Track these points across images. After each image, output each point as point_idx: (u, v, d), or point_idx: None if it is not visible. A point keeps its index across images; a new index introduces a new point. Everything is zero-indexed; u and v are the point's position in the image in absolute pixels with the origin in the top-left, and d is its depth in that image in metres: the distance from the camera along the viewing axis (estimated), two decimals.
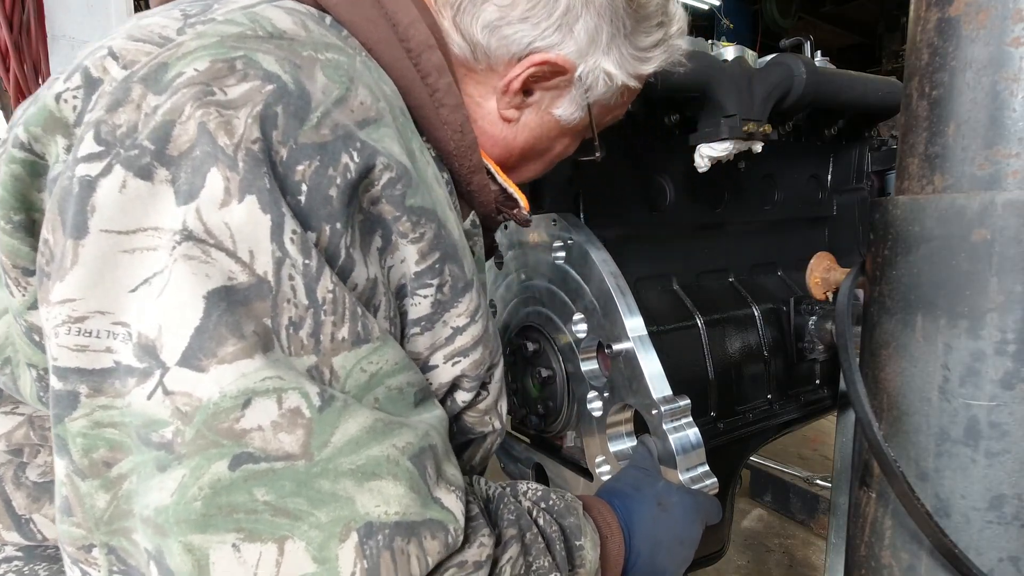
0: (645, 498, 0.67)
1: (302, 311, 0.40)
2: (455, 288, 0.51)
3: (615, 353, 0.75)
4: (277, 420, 0.38)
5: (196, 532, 0.37)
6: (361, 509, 0.40)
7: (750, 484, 2.15)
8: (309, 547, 0.38)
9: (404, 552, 0.41)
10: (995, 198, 0.44)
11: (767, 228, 1.11)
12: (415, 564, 0.41)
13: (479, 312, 0.54)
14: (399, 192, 0.46)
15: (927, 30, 0.49)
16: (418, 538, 0.42)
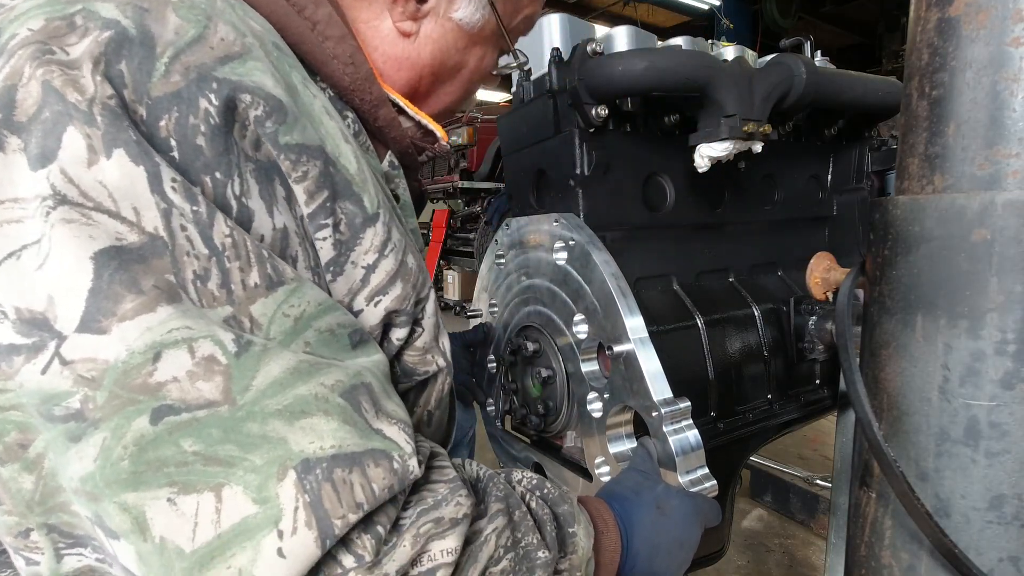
0: (644, 502, 0.67)
1: (205, 262, 0.39)
2: (353, 225, 0.49)
3: (615, 354, 0.75)
4: (192, 369, 0.37)
5: (128, 491, 0.36)
6: (295, 447, 0.39)
7: (750, 484, 2.15)
8: (247, 491, 0.37)
9: (346, 482, 0.40)
10: (995, 198, 0.44)
11: (767, 228, 1.11)
12: (359, 492, 0.40)
13: (388, 246, 0.52)
14: (271, 130, 0.44)
15: (927, 30, 0.49)
16: (360, 467, 0.41)
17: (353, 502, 0.40)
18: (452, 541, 0.45)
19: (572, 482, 0.90)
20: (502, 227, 1.03)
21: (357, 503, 0.40)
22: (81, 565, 0.43)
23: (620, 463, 0.78)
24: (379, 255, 0.51)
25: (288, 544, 0.37)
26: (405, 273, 0.53)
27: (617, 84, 0.79)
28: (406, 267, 0.53)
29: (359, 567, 0.40)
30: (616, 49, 0.85)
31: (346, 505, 0.39)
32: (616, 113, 0.87)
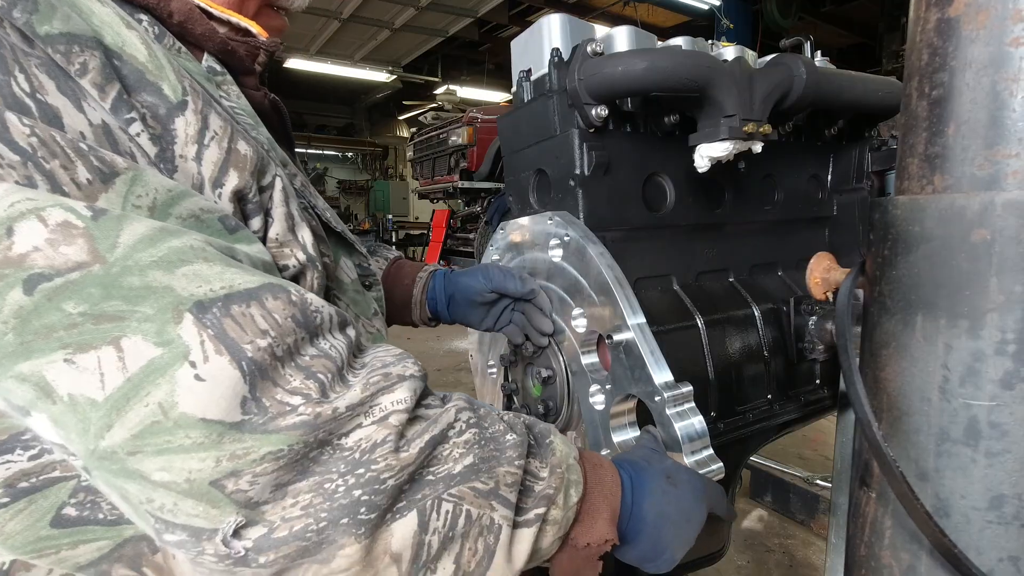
0: (655, 470, 0.65)
1: (23, 168, 0.39)
2: (159, 117, 0.48)
3: (615, 343, 0.75)
4: (50, 237, 0.37)
5: (21, 361, 0.36)
6: (184, 292, 0.39)
7: (750, 484, 2.14)
8: (147, 337, 0.37)
9: (245, 315, 0.40)
10: (995, 198, 0.44)
11: (767, 228, 1.11)
12: (261, 321, 0.41)
13: (207, 135, 0.50)
14: (23, 19, 0.42)
15: (927, 30, 0.49)
16: (258, 300, 0.41)
17: (257, 329, 0.40)
18: (401, 393, 0.45)
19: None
20: (497, 230, 1.03)
21: (262, 330, 0.40)
22: (10, 473, 0.42)
23: None
24: (199, 145, 0.50)
25: (203, 370, 0.37)
26: (238, 161, 0.52)
27: (617, 84, 0.79)
28: (238, 154, 0.52)
29: (308, 402, 0.41)
30: (616, 49, 0.85)
31: (251, 331, 0.40)
32: (616, 113, 0.87)
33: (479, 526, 0.48)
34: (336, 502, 0.41)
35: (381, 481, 0.43)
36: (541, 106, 0.89)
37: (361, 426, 0.43)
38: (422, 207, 12.86)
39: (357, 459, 0.42)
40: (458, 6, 8.42)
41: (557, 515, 0.53)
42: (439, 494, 0.46)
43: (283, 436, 0.39)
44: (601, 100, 0.82)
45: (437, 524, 0.46)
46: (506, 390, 1.03)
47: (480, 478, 0.48)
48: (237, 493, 0.38)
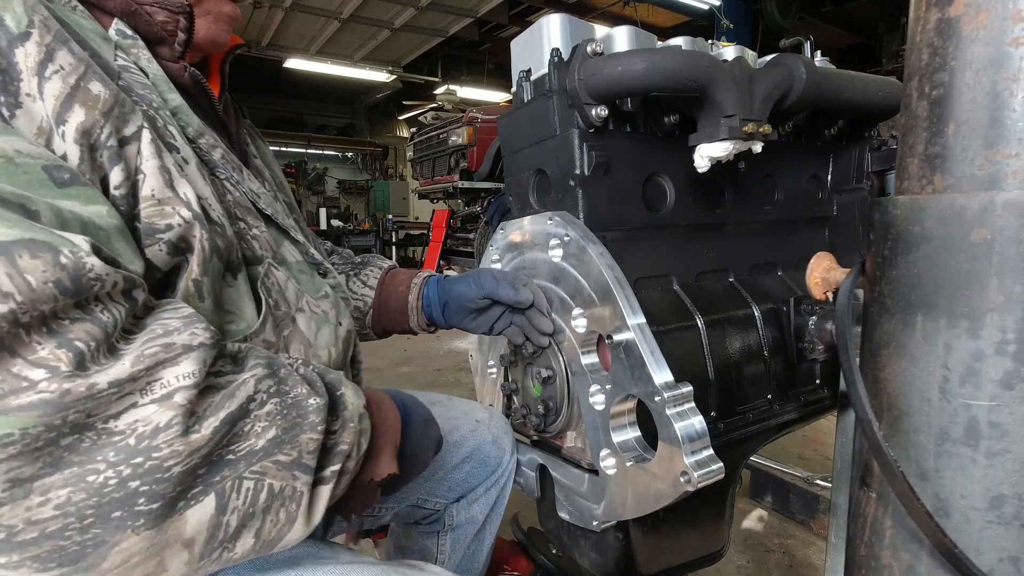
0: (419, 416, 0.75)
1: None
2: (1, 48, 0.45)
3: (615, 343, 0.75)
4: None
5: None
6: None
7: (750, 484, 2.14)
8: None
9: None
10: (995, 198, 0.44)
11: (767, 228, 1.11)
12: (5, 282, 0.35)
13: (49, 68, 0.47)
14: None
15: (927, 30, 0.49)
16: (8, 257, 0.36)
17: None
18: (188, 366, 0.41)
19: (577, 479, 0.90)
20: (497, 230, 1.03)
21: (4, 292, 0.35)
22: None
23: (625, 453, 0.78)
24: (39, 77, 0.46)
25: None
26: (87, 99, 0.49)
27: (617, 84, 0.79)
28: (87, 92, 0.49)
29: (53, 376, 0.35)
30: (616, 49, 0.85)
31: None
32: (616, 113, 0.87)
33: (282, 498, 0.46)
34: (106, 496, 0.36)
35: (165, 469, 0.38)
36: (541, 106, 0.89)
37: (136, 405, 0.38)
38: (422, 207, 12.86)
39: (133, 445, 0.37)
40: (458, 6, 8.42)
41: (351, 466, 0.54)
42: (240, 473, 0.43)
43: (13, 419, 0.34)
44: (601, 100, 0.82)
45: (237, 503, 0.43)
46: (506, 390, 1.03)
47: (283, 450, 0.45)
48: None
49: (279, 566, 0.61)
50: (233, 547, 0.44)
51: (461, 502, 1.02)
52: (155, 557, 0.39)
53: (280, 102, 15.38)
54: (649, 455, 0.75)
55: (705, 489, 0.68)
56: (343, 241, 10.06)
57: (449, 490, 1.01)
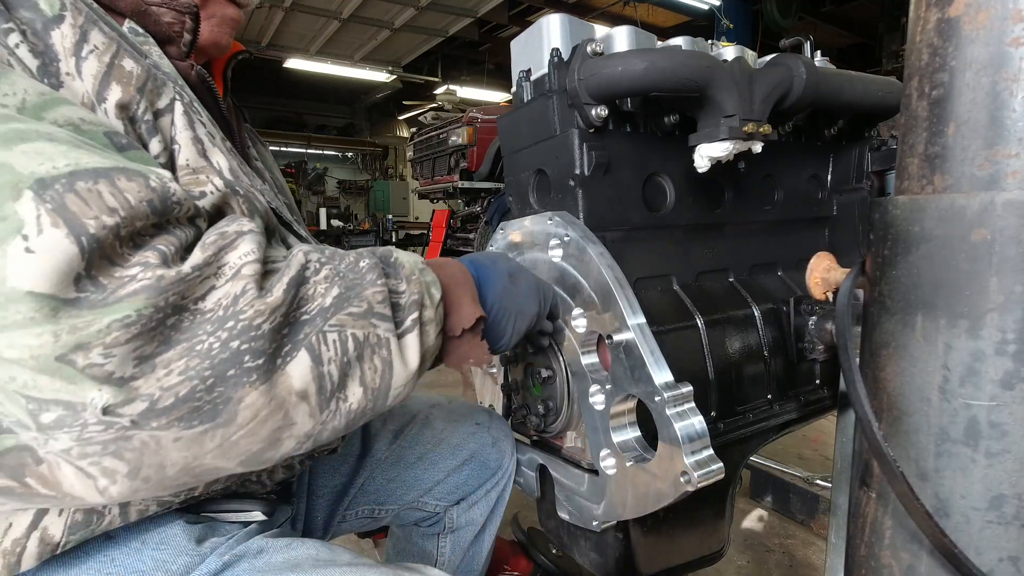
0: (499, 269, 0.73)
1: None
2: (37, 31, 0.49)
3: (615, 343, 0.75)
4: None
5: None
6: (23, 170, 0.39)
7: (750, 484, 2.14)
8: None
9: (92, 191, 0.40)
10: (995, 198, 0.44)
11: (767, 228, 1.11)
12: (110, 199, 0.40)
13: (85, 48, 0.51)
14: None
15: (927, 30, 0.49)
16: (107, 179, 0.41)
17: (105, 206, 0.40)
18: (245, 246, 0.46)
19: (577, 479, 0.90)
20: (497, 230, 1.03)
21: (110, 208, 0.40)
22: None
23: (625, 452, 0.78)
24: (76, 58, 0.50)
25: (35, 243, 0.37)
26: (121, 76, 0.53)
27: (617, 84, 0.79)
28: (121, 70, 0.53)
29: (147, 268, 0.41)
30: (616, 49, 0.85)
31: (96, 208, 0.39)
32: (616, 113, 0.87)
33: (369, 345, 0.51)
34: (216, 358, 0.42)
35: (256, 327, 0.43)
36: (541, 106, 0.89)
37: (216, 288, 0.44)
38: (422, 207, 12.86)
39: (223, 316, 0.43)
40: (458, 6, 8.42)
41: (430, 314, 0.58)
42: (320, 328, 0.48)
43: (127, 304, 0.39)
44: (601, 100, 0.82)
45: (329, 355, 0.48)
46: (506, 390, 1.03)
47: (352, 304, 0.50)
48: (92, 368, 0.38)
49: (278, 569, 0.61)
50: (346, 397, 0.50)
51: (461, 505, 1.02)
52: (279, 410, 0.45)
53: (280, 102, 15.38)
54: (649, 455, 0.75)
55: (705, 489, 0.68)
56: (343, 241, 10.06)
57: (449, 492, 1.00)
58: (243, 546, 0.64)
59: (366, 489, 0.97)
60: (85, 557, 0.58)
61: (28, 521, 0.52)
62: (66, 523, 0.54)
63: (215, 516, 0.68)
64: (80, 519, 0.54)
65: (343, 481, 0.96)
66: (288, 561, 0.62)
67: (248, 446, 0.46)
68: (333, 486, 0.95)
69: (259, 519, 0.70)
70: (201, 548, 0.62)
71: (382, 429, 1.01)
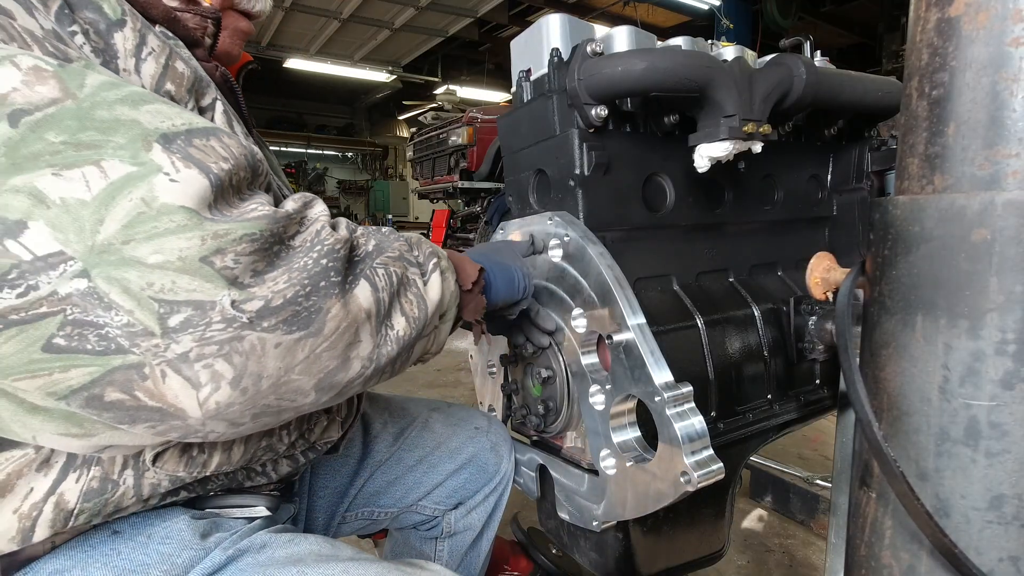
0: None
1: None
2: (100, 32, 0.54)
3: (615, 344, 0.75)
4: (25, 78, 0.43)
5: (15, 175, 0.41)
6: (149, 125, 0.45)
7: (750, 484, 2.14)
8: (122, 161, 0.43)
9: (207, 146, 0.47)
10: (995, 198, 0.44)
11: (767, 228, 1.11)
12: (220, 150, 0.48)
13: (145, 50, 0.57)
14: None
15: (927, 30, 0.49)
16: (216, 136, 0.49)
17: (219, 155, 0.48)
18: (319, 206, 0.57)
19: (577, 479, 0.90)
20: (497, 230, 1.03)
21: (223, 156, 0.48)
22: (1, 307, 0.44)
23: (625, 453, 0.78)
24: (136, 59, 0.56)
25: (176, 176, 0.44)
26: (174, 76, 0.59)
27: (617, 84, 0.79)
28: (175, 71, 0.59)
29: (263, 205, 0.50)
30: (616, 49, 0.85)
31: (214, 156, 0.47)
32: (616, 113, 0.87)
33: (404, 282, 0.61)
34: (310, 270, 0.50)
35: (335, 251, 0.52)
36: (541, 106, 0.89)
37: (299, 232, 0.52)
38: (422, 207, 12.86)
39: (310, 245, 0.52)
40: (458, 6, 8.42)
41: (444, 264, 0.69)
42: (372, 264, 0.58)
43: (252, 223, 0.47)
44: (601, 100, 0.82)
45: (381, 284, 0.57)
46: (506, 390, 1.03)
47: (387, 251, 0.61)
48: (225, 269, 0.45)
49: (281, 563, 0.61)
50: (392, 324, 0.59)
51: (459, 509, 1.02)
52: (353, 324, 0.53)
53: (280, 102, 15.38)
54: (649, 455, 0.75)
55: (705, 489, 0.68)
56: None
57: (448, 496, 1.00)
58: (247, 541, 0.64)
59: (366, 491, 0.97)
60: (91, 550, 0.59)
61: (47, 486, 0.54)
62: (82, 489, 0.55)
63: (219, 512, 0.68)
64: (96, 486, 0.56)
65: (344, 482, 0.96)
66: (291, 556, 0.62)
67: (327, 361, 0.52)
68: (334, 487, 0.95)
69: (263, 514, 0.70)
70: (206, 542, 0.62)
71: (383, 431, 1.01)
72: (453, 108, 9.12)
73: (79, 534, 0.60)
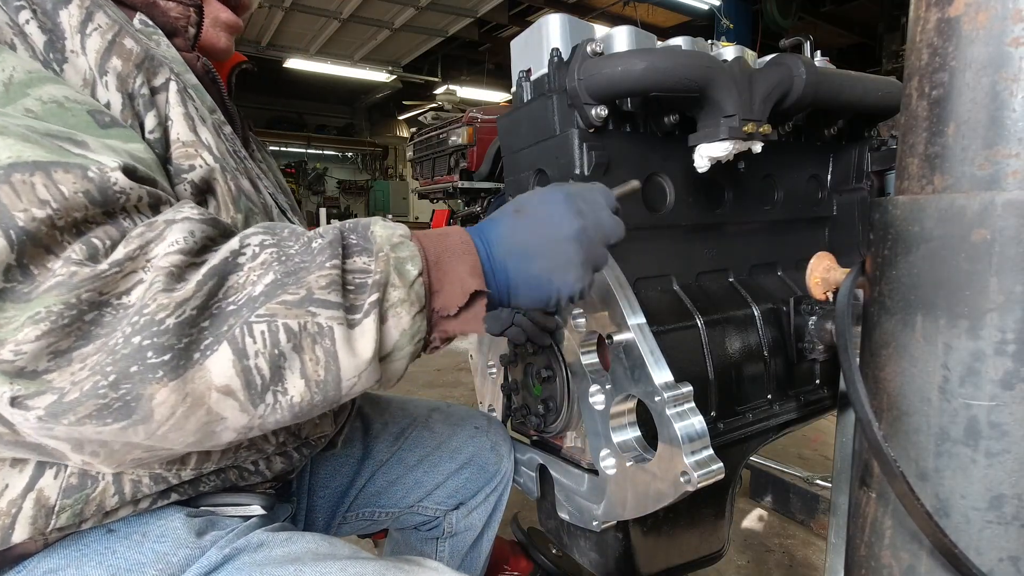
0: (500, 215, 0.61)
1: None
2: (47, 11, 0.53)
3: (615, 344, 0.75)
4: None
5: None
6: None
7: (750, 484, 2.14)
8: None
9: (26, 183, 0.41)
10: (995, 198, 0.44)
11: (767, 228, 1.11)
12: (43, 191, 0.41)
13: (90, 26, 0.55)
14: None
15: (927, 30, 0.49)
16: (44, 172, 0.42)
17: (36, 199, 0.41)
18: (172, 236, 0.45)
19: (577, 479, 0.90)
20: None
21: (41, 200, 0.41)
22: None
23: (625, 452, 0.78)
24: (82, 35, 0.54)
25: None
26: (121, 52, 0.56)
27: (617, 84, 0.79)
28: (122, 47, 0.56)
29: (65, 263, 0.41)
30: (616, 49, 0.85)
31: (27, 200, 0.41)
32: (616, 113, 0.87)
33: (308, 335, 0.46)
34: (118, 354, 0.41)
35: (159, 322, 0.42)
36: (541, 106, 0.89)
37: (142, 282, 0.43)
38: (422, 207, 12.86)
39: (136, 310, 0.42)
40: (458, 6, 8.42)
41: (400, 295, 0.50)
42: (246, 320, 0.44)
43: (39, 301, 0.40)
44: (601, 100, 0.82)
45: (256, 347, 0.44)
46: (506, 390, 1.03)
47: (287, 291, 0.46)
48: (2, 363, 0.39)
49: (278, 562, 0.61)
50: (285, 390, 0.46)
51: (460, 509, 1.02)
52: (200, 406, 0.44)
53: (280, 102, 15.37)
54: (649, 455, 0.75)
55: (705, 489, 0.68)
56: None
57: (448, 496, 1.00)
58: (244, 539, 0.64)
59: (367, 491, 0.97)
60: (86, 548, 0.58)
61: (24, 483, 0.53)
62: (61, 486, 0.54)
63: (215, 510, 0.68)
64: (75, 482, 0.55)
65: (344, 482, 0.96)
66: (288, 554, 0.62)
67: (180, 438, 0.45)
68: (334, 487, 0.95)
69: (258, 513, 0.70)
70: (201, 541, 0.62)
71: (383, 431, 1.01)
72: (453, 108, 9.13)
73: (73, 532, 0.59)
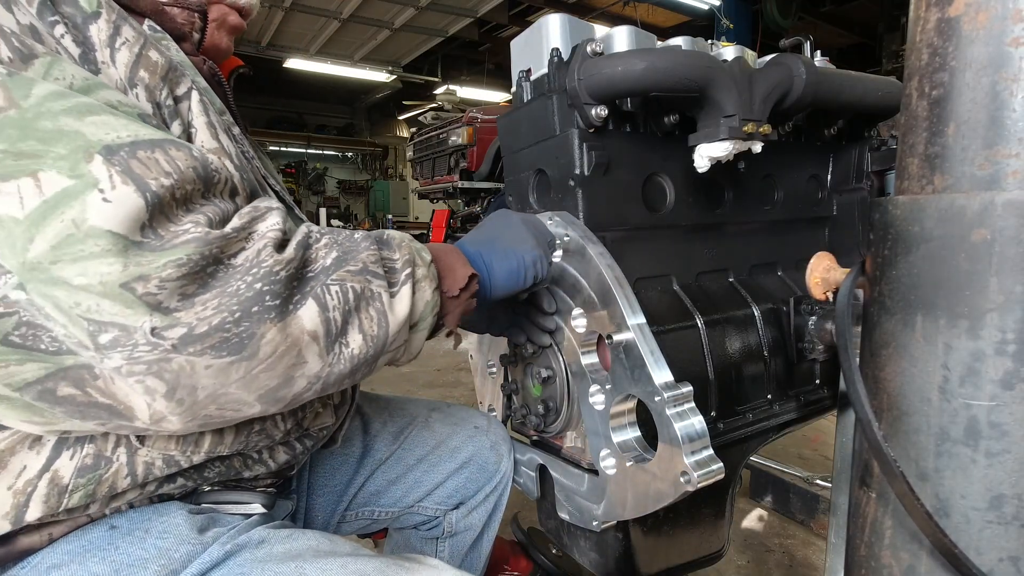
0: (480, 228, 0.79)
1: None
2: (77, 25, 0.55)
3: (615, 343, 0.75)
4: None
5: None
6: (92, 137, 0.45)
7: (750, 484, 2.14)
8: (60, 172, 0.43)
9: (151, 158, 0.47)
10: (995, 198, 0.44)
11: (767, 228, 1.11)
12: (165, 164, 0.47)
13: (119, 40, 0.58)
14: None
15: (927, 30, 0.49)
16: (161, 149, 0.48)
17: (161, 170, 0.47)
18: (272, 220, 0.54)
19: (577, 479, 0.90)
20: None
21: (165, 171, 0.47)
22: None
23: (625, 453, 0.78)
24: (111, 48, 0.57)
25: (110, 195, 0.44)
26: (148, 64, 0.60)
27: (617, 84, 0.79)
28: (148, 59, 0.60)
29: (198, 226, 0.48)
30: (616, 49, 0.85)
31: (155, 171, 0.47)
32: (616, 113, 0.87)
33: (365, 297, 0.57)
34: (242, 296, 0.48)
35: (274, 273, 0.50)
36: (541, 106, 0.89)
37: (245, 248, 0.51)
38: (422, 207, 12.86)
39: (248, 267, 0.50)
40: (458, 6, 8.42)
41: (422, 272, 0.64)
42: (324, 282, 0.55)
43: (181, 249, 0.46)
44: (601, 100, 0.82)
45: (333, 303, 0.54)
46: (506, 390, 1.03)
47: (348, 264, 0.57)
48: (147, 296, 0.45)
49: (280, 559, 0.61)
50: (347, 342, 0.56)
51: (460, 509, 1.02)
52: (294, 348, 0.52)
53: (280, 102, 15.37)
54: (649, 455, 0.75)
55: (705, 489, 0.68)
56: None
57: (448, 496, 1.00)
58: (245, 536, 0.64)
59: (366, 490, 0.97)
60: (89, 544, 0.59)
61: (41, 464, 0.56)
62: (76, 466, 0.56)
63: (216, 508, 0.68)
64: (90, 463, 0.57)
65: (343, 480, 0.96)
66: (289, 551, 0.62)
67: (267, 380, 0.51)
68: (333, 485, 0.95)
69: (259, 511, 0.70)
70: (203, 537, 0.62)
71: (383, 430, 1.01)
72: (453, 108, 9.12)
73: (77, 528, 0.60)
